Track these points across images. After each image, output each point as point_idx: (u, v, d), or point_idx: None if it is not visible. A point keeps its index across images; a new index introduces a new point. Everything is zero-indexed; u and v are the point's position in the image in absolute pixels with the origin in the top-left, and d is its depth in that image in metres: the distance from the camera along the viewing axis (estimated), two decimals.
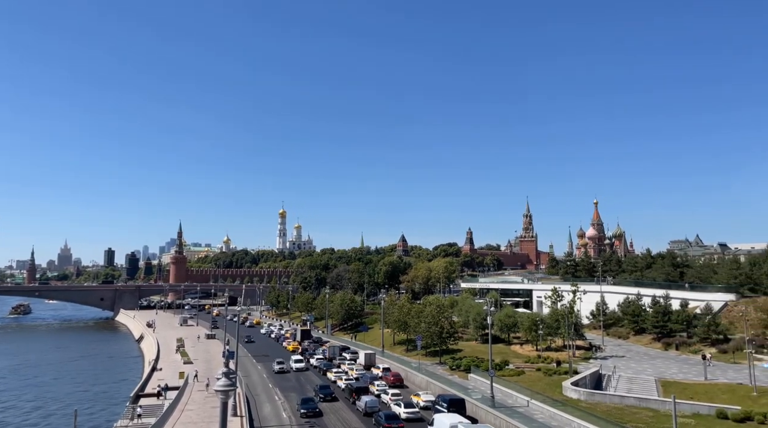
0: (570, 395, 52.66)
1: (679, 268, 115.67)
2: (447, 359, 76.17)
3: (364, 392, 56.66)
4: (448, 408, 47.02)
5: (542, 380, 60.93)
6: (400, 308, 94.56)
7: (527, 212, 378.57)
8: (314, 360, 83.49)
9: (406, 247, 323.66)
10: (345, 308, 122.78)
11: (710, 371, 59.00)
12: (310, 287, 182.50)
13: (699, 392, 51.61)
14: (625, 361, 70.02)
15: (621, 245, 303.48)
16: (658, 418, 43.62)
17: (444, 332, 79.42)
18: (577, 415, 42.80)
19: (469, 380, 63.21)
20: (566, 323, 73.99)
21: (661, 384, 56.09)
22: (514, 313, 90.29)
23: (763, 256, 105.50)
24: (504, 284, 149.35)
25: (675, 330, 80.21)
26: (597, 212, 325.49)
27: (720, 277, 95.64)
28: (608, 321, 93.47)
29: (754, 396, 48.53)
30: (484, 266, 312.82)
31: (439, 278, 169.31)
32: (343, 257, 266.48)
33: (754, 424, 41.21)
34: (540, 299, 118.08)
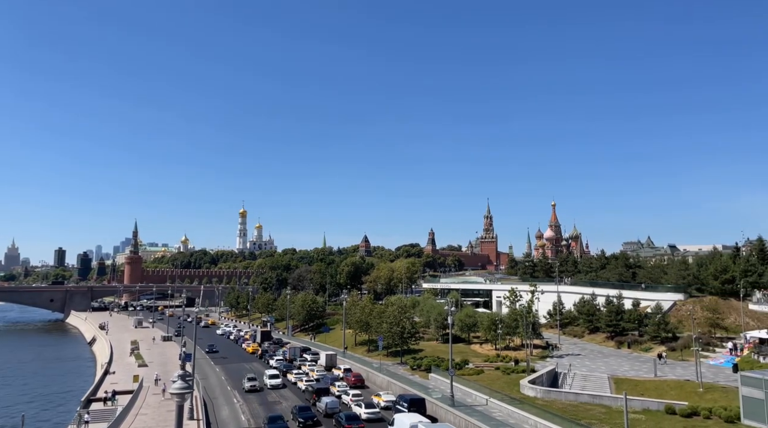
0: (527, 393, 53.76)
1: (632, 269, 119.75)
2: (408, 359, 76.62)
3: (325, 393, 56.37)
4: (409, 407, 47.27)
5: (501, 378, 62.02)
6: (362, 308, 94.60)
7: (488, 213, 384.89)
8: (274, 362, 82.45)
9: (369, 247, 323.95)
10: (306, 309, 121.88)
11: (660, 368, 61.30)
12: (270, 288, 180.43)
13: (649, 388, 53.57)
14: (580, 359, 71.99)
15: (577, 247, 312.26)
16: (610, 414, 45.01)
17: (405, 332, 79.83)
18: (533, 413, 43.74)
19: (430, 379, 63.74)
20: (524, 322, 75.54)
21: (613, 381, 57.93)
22: (475, 313, 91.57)
23: (709, 257, 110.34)
24: (465, 285, 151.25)
25: (627, 329, 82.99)
26: (555, 214, 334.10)
27: (669, 277, 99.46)
28: (564, 320, 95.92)
29: (701, 392, 50.66)
30: (445, 267, 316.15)
31: (402, 279, 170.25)
32: (305, 258, 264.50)
33: (700, 419, 43.02)
34: (499, 300, 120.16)
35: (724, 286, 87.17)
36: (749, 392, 41.76)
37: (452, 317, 61.53)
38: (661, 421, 42.93)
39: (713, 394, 49.38)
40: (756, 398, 41.01)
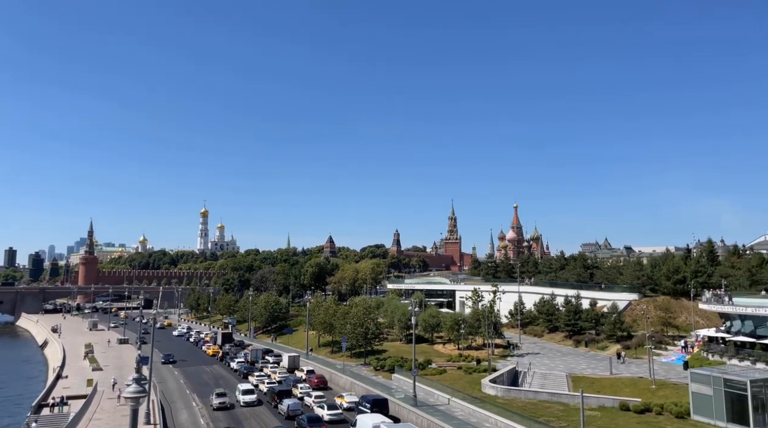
0: (488, 392, 54.55)
1: (590, 269, 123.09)
2: (372, 360, 76.64)
3: (287, 395, 55.80)
4: (371, 408, 47.29)
5: (463, 378, 62.73)
6: (326, 309, 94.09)
7: (452, 214, 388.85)
8: (235, 364, 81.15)
9: (334, 248, 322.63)
10: (269, 311, 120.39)
11: (616, 366, 63.17)
12: (232, 289, 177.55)
13: (605, 386, 55.16)
14: (539, 358, 73.50)
15: (538, 248, 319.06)
16: (568, 412, 46.12)
17: (369, 333, 79.81)
18: (494, 411, 44.42)
19: (393, 380, 63.94)
20: (486, 322, 76.62)
21: (571, 379, 59.37)
22: (438, 313, 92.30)
23: (663, 259, 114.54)
24: (429, 285, 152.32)
25: (585, 328, 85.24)
26: (517, 215, 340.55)
27: (625, 278, 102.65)
28: (525, 319, 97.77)
29: (653, 388, 52.47)
30: (410, 268, 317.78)
31: (366, 280, 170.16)
32: (268, 259, 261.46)
33: (652, 415, 44.56)
34: (462, 300, 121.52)
35: (676, 286, 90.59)
36: (698, 388, 43.50)
37: (416, 317, 61.82)
38: (616, 418, 44.25)
39: (665, 391, 51.22)
40: (704, 394, 42.74)
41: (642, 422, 42.82)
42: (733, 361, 59.35)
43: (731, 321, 64.73)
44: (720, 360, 60.78)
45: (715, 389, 41.90)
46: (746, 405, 39.48)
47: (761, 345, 58.36)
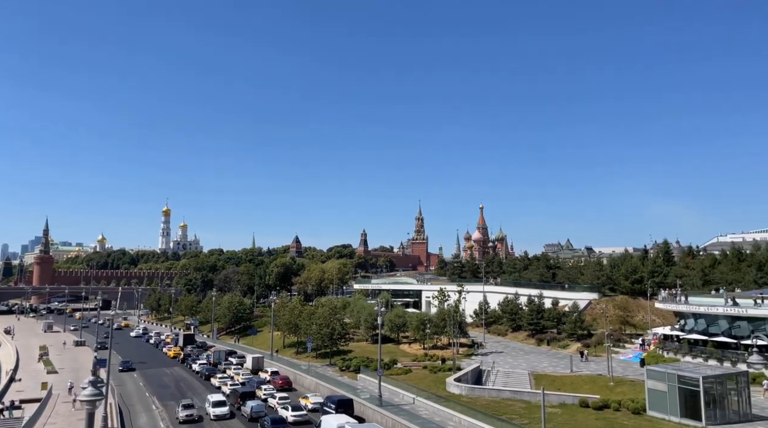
0: (453, 390, 55.07)
1: (552, 269, 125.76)
2: (337, 360, 76.39)
3: (250, 397, 55.05)
4: (336, 409, 47.11)
5: (428, 377, 63.14)
6: (292, 310, 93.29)
7: (419, 215, 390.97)
8: (197, 366, 79.62)
9: (300, 248, 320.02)
10: (233, 311, 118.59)
11: (576, 364, 64.74)
12: (195, 290, 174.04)
13: (566, 383, 56.42)
14: (503, 357, 74.66)
15: (503, 248, 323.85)
16: (529, 409, 46.97)
17: (335, 333, 79.54)
18: (458, 410, 44.86)
19: (359, 380, 63.87)
20: (451, 322, 77.36)
21: (533, 377, 60.53)
22: (404, 313, 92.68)
23: (621, 259, 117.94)
24: (396, 286, 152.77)
25: (547, 327, 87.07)
26: (482, 216, 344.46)
27: (585, 278, 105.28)
28: (490, 319, 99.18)
29: (611, 385, 53.99)
30: (377, 268, 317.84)
31: (333, 280, 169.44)
32: (232, 258, 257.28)
33: (610, 411, 45.81)
34: (429, 300, 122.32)
35: (633, 286, 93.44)
36: (654, 385, 44.92)
37: (382, 317, 62.01)
38: (576, 414, 45.31)
39: (622, 387, 52.76)
40: (660, 390, 44.17)
41: (600, 418, 43.96)
42: (687, 358, 61.56)
43: (685, 320, 67.16)
44: (674, 358, 62.95)
45: (669, 385, 43.33)
46: (699, 401, 40.97)
47: (713, 343, 60.73)
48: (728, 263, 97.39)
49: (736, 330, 59.52)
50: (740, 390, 43.21)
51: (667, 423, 41.78)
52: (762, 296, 58.40)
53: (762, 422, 41.20)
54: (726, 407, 42.14)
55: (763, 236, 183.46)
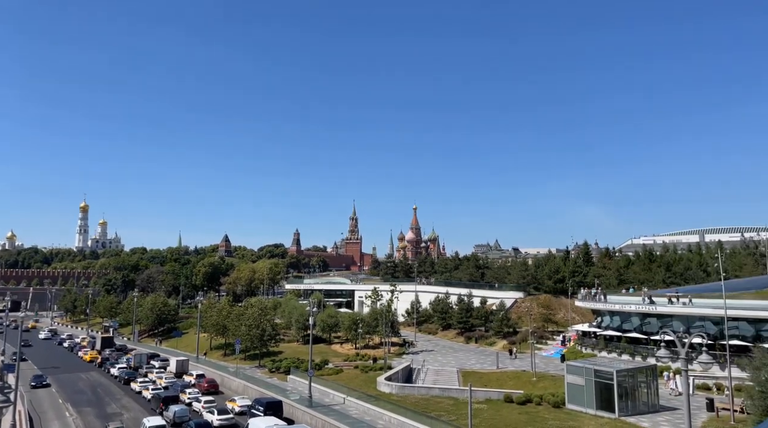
0: (383, 389, 55.41)
1: (481, 269, 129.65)
2: (267, 361, 74.94)
3: (174, 401, 52.81)
4: (265, 411, 46.15)
5: (359, 377, 63.21)
6: (220, 311, 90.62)
7: (353, 214, 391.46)
8: (116, 370, 75.57)
9: (230, 247, 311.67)
10: (156, 313, 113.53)
11: (502, 361, 66.99)
12: (115, 291, 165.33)
13: (492, 380, 58.24)
14: (433, 355, 76.03)
15: (435, 248, 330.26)
16: (457, 405, 48.07)
17: (266, 334, 78.02)
18: (388, 408, 45.18)
19: (289, 381, 62.97)
20: (384, 321, 77.88)
21: (461, 374, 62.03)
22: (337, 313, 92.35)
23: (545, 259, 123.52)
24: (328, 286, 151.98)
25: (475, 325, 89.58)
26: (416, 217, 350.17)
27: (512, 277, 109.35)
28: (421, 318, 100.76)
29: (534, 380, 56.29)
30: (310, 268, 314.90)
31: (264, 280, 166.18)
32: (156, 258, 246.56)
33: (532, 405, 47.73)
34: (361, 300, 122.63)
35: (556, 285, 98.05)
36: (573, 379, 47.24)
37: (314, 317, 61.48)
38: (501, 409, 46.87)
39: (544, 382, 55.13)
40: (578, 384, 46.51)
41: (523, 412, 45.70)
42: (603, 353, 65.24)
43: (602, 317, 71.19)
44: (592, 353, 66.55)
45: (587, 379, 45.72)
46: (613, 394, 43.51)
47: (626, 339, 64.74)
48: (641, 263, 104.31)
49: (646, 326, 63.74)
50: (649, 382, 46.32)
51: (584, 416, 44.03)
52: (677, 294, 62.66)
53: (667, 412, 44.34)
54: (637, 399, 45.01)
55: (672, 239, 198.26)
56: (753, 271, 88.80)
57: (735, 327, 55.28)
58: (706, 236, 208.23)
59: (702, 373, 51.26)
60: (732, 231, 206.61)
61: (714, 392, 50.11)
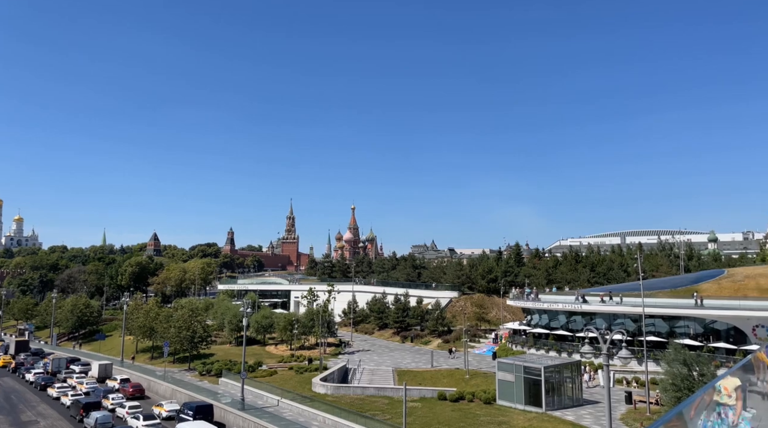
0: (318, 390, 54.96)
1: (418, 269, 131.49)
2: (197, 364, 72.48)
3: (95, 407, 49.99)
4: (194, 415, 44.55)
5: (294, 378, 62.39)
6: (147, 312, 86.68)
7: (291, 214, 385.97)
8: (31, 376, 70.67)
9: (159, 246, 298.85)
10: (77, 315, 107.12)
11: (444, 359, 68.10)
12: (31, 291, 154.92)
13: (426, 378, 59.13)
14: (369, 354, 76.24)
15: (373, 249, 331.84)
16: (392, 404, 48.41)
17: (196, 336, 75.43)
18: (323, 409, 44.85)
19: (220, 384, 61.24)
20: (320, 321, 77.26)
21: (397, 373, 62.56)
22: (272, 314, 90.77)
23: (479, 260, 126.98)
24: (263, 286, 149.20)
25: (411, 324, 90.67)
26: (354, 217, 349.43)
27: (448, 277, 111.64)
28: (358, 318, 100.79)
29: (467, 378, 57.64)
30: (244, 268, 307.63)
31: (195, 280, 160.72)
32: (78, 257, 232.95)
33: (465, 402, 48.89)
34: (297, 300, 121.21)
35: (489, 284, 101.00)
36: (503, 376, 48.77)
37: (248, 318, 60.06)
38: (434, 407, 47.65)
39: (477, 380, 56.57)
40: (508, 381, 48.06)
41: (456, 409, 46.67)
42: (532, 350, 67.77)
43: (532, 315, 73.97)
44: (522, 350, 68.98)
45: (516, 376, 47.34)
46: (540, 389, 45.29)
47: (554, 336, 67.61)
48: (568, 264, 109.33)
49: (572, 324, 66.83)
50: (574, 377, 48.57)
51: (513, 411, 45.54)
52: (610, 294, 65.75)
53: (590, 405, 46.67)
54: (563, 393, 47.07)
55: (597, 241, 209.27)
56: (668, 271, 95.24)
57: (651, 324, 59.08)
58: (627, 238, 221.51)
59: (622, 368, 54.30)
60: (650, 234, 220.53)
61: (632, 385, 53.24)
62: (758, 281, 63.57)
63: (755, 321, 52.44)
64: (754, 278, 65.55)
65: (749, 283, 64.00)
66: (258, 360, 72.10)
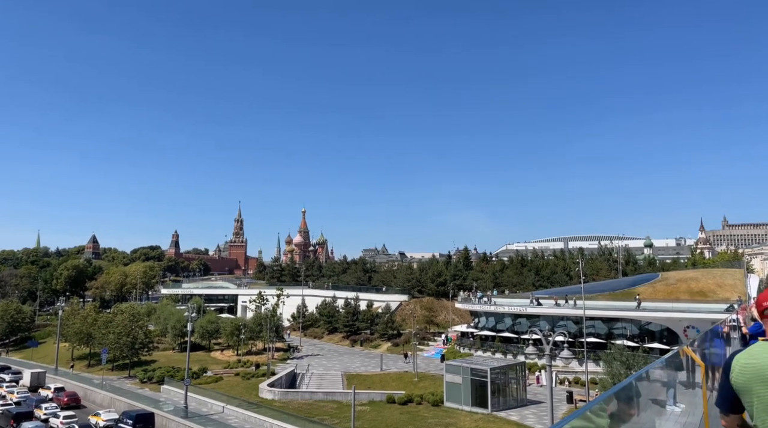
0: (266, 396, 54.03)
1: (368, 273, 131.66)
2: (138, 371, 69.78)
3: (27, 417, 47.37)
4: (134, 424, 42.91)
5: (240, 384, 61.08)
6: (84, 318, 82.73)
7: (239, 216, 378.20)
8: None
9: (98, 249, 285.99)
10: (8, 321, 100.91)
11: (386, 362, 68.32)
12: None
13: (375, 382, 59.19)
14: (318, 359, 75.59)
15: (323, 252, 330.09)
16: (341, 408, 48.17)
17: (137, 342, 72.66)
18: (270, 415, 44.12)
19: (162, 392, 59.20)
20: (268, 326, 76.00)
21: (346, 377, 62.29)
22: (218, 319, 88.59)
23: (429, 264, 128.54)
24: (209, 290, 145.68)
25: (361, 328, 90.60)
26: (304, 220, 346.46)
27: (398, 281, 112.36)
28: (307, 322, 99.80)
29: (416, 381, 58.09)
30: (190, 271, 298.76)
31: (137, 284, 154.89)
32: (9, 260, 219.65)
33: (413, 405, 49.28)
34: (245, 304, 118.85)
35: (438, 288, 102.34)
36: (451, 378, 49.48)
37: (192, 324, 58.45)
38: (383, 410, 47.77)
39: (425, 382, 57.10)
40: (456, 383, 48.81)
41: (404, 412, 46.96)
42: (479, 353, 69.15)
43: (479, 318, 75.46)
44: (469, 353, 70.23)
45: (464, 377, 48.14)
46: (486, 390, 46.23)
47: (500, 338, 69.21)
48: (514, 268, 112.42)
49: (517, 326, 68.64)
50: (519, 378, 49.88)
51: (460, 412, 46.25)
52: (565, 297, 67.59)
53: (534, 406, 48.02)
54: (507, 394, 48.23)
55: (541, 245, 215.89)
56: (607, 275, 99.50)
57: (592, 326, 61.46)
58: (570, 243, 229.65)
59: (564, 368, 56.17)
60: (591, 239, 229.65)
61: (573, 385, 55.16)
62: (689, 285, 67.44)
63: (686, 322, 55.46)
64: (685, 281, 69.48)
65: (681, 286, 67.80)
66: (203, 366, 70.16)
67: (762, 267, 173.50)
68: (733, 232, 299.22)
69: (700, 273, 76.00)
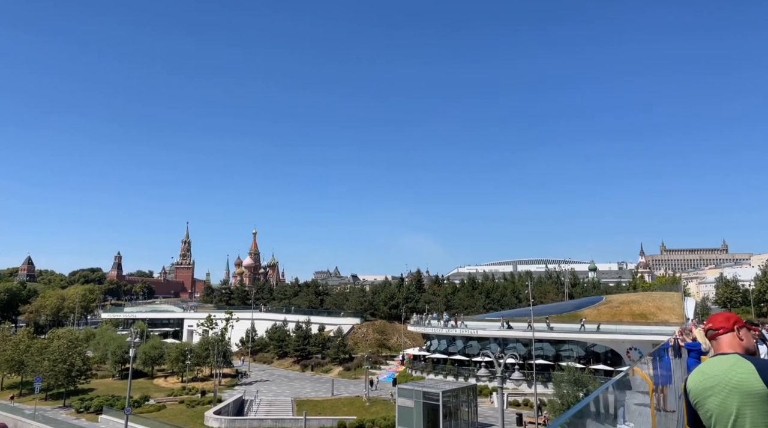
0: (211, 424, 52.05)
1: (321, 296, 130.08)
2: (75, 400, 65.78)
3: None
4: None
5: (185, 412, 58.61)
6: (16, 344, 77.61)
7: (186, 238, 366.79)
8: None
9: (33, 271, 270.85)
10: None
11: (336, 387, 67.25)
12: None
13: (326, 407, 58.09)
14: (267, 385, 73.56)
15: (274, 274, 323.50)
16: None
17: (74, 369, 68.68)
18: None
19: (101, 422, 56.17)
20: (215, 351, 73.57)
21: (296, 403, 60.87)
22: (162, 344, 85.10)
23: (382, 286, 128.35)
24: (154, 314, 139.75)
25: (312, 352, 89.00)
26: (255, 242, 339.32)
27: (351, 304, 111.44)
28: (256, 347, 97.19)
29: (367, 405, 57.42)
30: (133, 295, 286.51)
31: (75, 308, 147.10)
32: None
33: None
34: (192, 329, 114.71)
35: (391, 311, 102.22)
36: (403, 402, 49.13)
37: (134, 349, 55.77)
38: None
39: (377, 407, 56.52)
40: (408, 407, 48.45)
41: None
42: (431, 376, 69.08)
43: (431, 341, 75.66)
44: (421, 376, 70.05)
45: (416, 401, 47.88)
46: (438, 414, 46.12)
47: (451, 361, 69.51)
48: (465, 290, 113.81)
49: (469, 348, 69.22)
50: (470, 401, 50.07)
51: None
52: (530, 321, 68.10)
53: None
54: (459, 418, 48.27)
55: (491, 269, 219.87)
56: (555, 298, 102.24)
57: (540, 348, 62.70)
58: (519, 266, 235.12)
59: (514, 390, 56.93)
60: (539, 263, 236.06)
61: (522, 407, 55.89)
62: (631, 308, 70.11)
63: (629, 344, 57.49)
64: (627, 304, 72.22)
65: (624, 309, 70.39)
66: (145, 393, 66.93)
67: (698, 290, 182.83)
68: (670, 257, 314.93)
69: (641, 296, 79.21)
